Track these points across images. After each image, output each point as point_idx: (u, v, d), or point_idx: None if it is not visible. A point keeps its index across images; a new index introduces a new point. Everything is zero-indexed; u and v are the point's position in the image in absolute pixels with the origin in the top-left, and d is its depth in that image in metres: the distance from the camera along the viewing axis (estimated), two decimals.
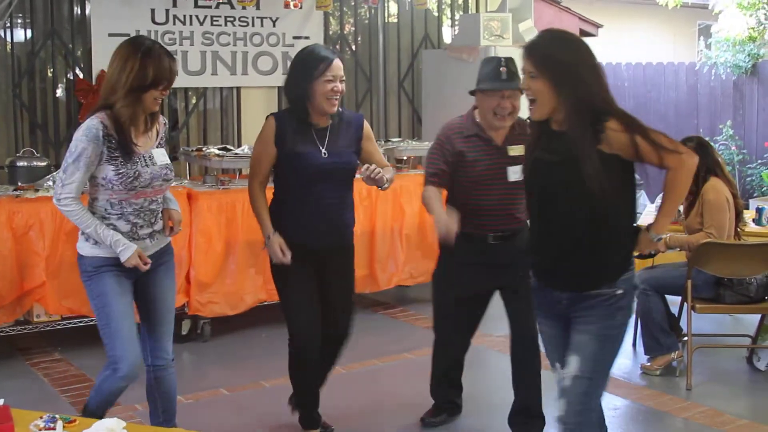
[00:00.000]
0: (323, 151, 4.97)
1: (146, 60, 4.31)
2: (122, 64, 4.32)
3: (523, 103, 4.41)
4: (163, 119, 4.65)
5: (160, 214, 4.61)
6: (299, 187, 5.00)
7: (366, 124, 5.23)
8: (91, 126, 4.29)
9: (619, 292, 3.87)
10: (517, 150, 4.89)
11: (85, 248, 4.46)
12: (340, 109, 5.10)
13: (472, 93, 5.04)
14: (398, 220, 8.07)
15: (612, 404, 6.02)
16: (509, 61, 4.94)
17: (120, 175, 4.32)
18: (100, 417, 4.13)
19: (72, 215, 4.35)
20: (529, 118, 4.01)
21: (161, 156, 4.50)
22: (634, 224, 3.99)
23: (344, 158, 5.04)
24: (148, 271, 4.50)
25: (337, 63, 4.93)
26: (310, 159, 4.94)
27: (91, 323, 7.00)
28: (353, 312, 5.36)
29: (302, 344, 5.12)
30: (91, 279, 4.46)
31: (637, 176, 3.97)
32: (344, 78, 4.98)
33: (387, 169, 5.12)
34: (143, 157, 4.40)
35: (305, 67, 4.93)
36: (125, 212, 4.41)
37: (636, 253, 6.72)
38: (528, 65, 3.76)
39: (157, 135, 4.56)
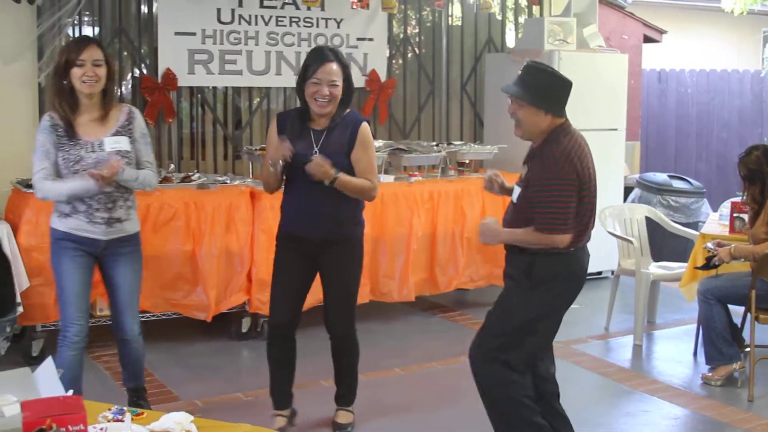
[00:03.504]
0: (315, 149, 5.14)
1: (61, 49, 5.16)
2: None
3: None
4: (127, 108, 5.19)
5: (121, 202, 5.07)
6: (294, 182, 5.26)
7: (363, 129, 5.27)
8: (43, 119, 5.01)
9: None
10: (523, 170, 4.72)
11: (53, 219, 5.09)
12: (348, 111, 5.30)
13: None
14: (459, 224, 8.08)
15: (672, 413, 5.99)
16: (529, 68, 4.69)
17: (65, 160, 4.92)
18: None
19: (48, 193, 4.94)
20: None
21: (113, 143, 4.97)
22: None
23: (333, 159, 5.08)
24: (110, 258, 5.11)
25: (327, 67, 5.08)
26: (301, 157, 5.09)
27: (152, 318, 7.10)
28: (345, 308, 5.45)
29: (272, 323, 5.54)
30: (53, 251, 5.08)
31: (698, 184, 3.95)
32: (335, 82, 5.10)
33: (360, 181, 5.21)
34: (90, 144, 4.95)
35: (303, 68, 5.19)
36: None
37: (699, 265, 6.71)
38: None
39: (117, 123, 5.06)
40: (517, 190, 4.69)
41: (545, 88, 4.63)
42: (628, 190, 10.68)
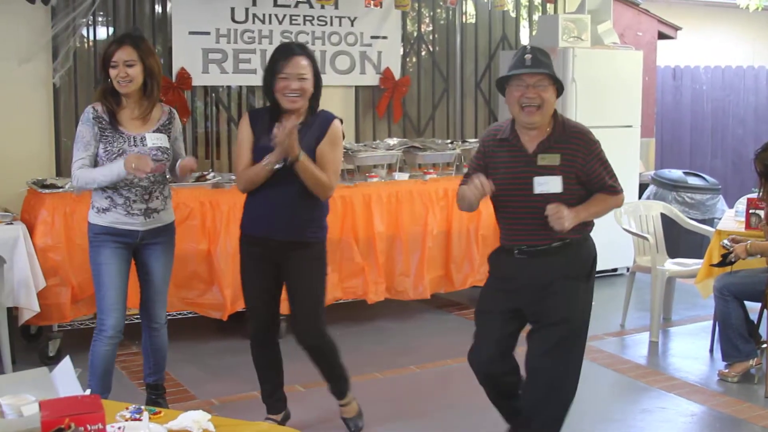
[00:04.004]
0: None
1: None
2: None
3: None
4: (168, 108, 5.33)
5: (157, 193, 5.18)
6: None
7: (334, 126, 5.06)
8: (86, 111, 5.10)
9: None
10: (549, 159, 4.49)
11: (91, 216, 5.16)
12: (320, 110, 5.09)
13: (500, 90, 4.72)
14: (474, 221, 8.07)
15: (689, 410, 5.97)
16: (537, 49, 4.56)
17: (106, 152, 5.01)
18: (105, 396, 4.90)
19: (81, 180, 5.02)
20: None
21: (154, 139, 5.10)
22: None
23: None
24: (147, 247, 5.22)
25: (295, 60, 4.94)
26: (261, 153, 4.97)
27: (168, 317, 7.08)
28: (312, 315, 5.19)
29: (251, 328, 5.39)
30: (92, 246, 5.15)
31: (713, 180, 3.92)
32: (304, 75, 4.93)
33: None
34: (132, 137, 5.07)
35: (270, 63, 5.04)
36: (118, 186, 5.03)
37: (714, 262, 6.69)
38: None
39: (158, 121, 5.19)
40: (552, 180, 4.46)
41: (552, 65, 4.60)
42: (643, 187, 10.66)
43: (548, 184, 4.46)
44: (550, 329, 4.58)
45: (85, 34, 7.93)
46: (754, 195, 6.88)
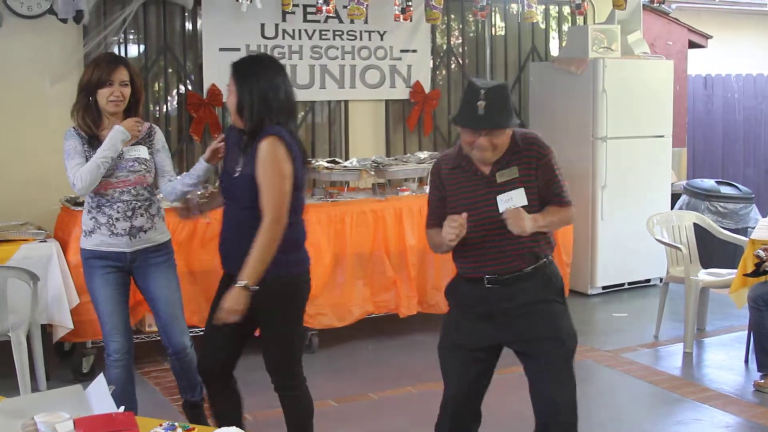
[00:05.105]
0: (238, 169, 4.48)
1: (90, 66, 5.12)
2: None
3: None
4: (148, 124, 5.27)
5: (142, 211, 5.07)
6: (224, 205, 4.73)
7: (262, 146, 4.36)
8: (68, 130, 5.09)
9: None
10: (507, 174, 4.13)
11: (81, 240, 5.13)
12: (274, 126, 4.42)
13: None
14: None
15: (724, 422, 5.93)
16: (491, 92, 3.99)
17: None
18: None
19: (83, 174, 4.86)
20: None
21: (131, 151, 5.05)
22: None
23: (239, 180, 4.46)
24: (141, 270, 5.13)
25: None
26: (222, 177, 4.70)
27: (200, 333, 7.12)
28: (278, 357, 4.76)
29: (199, 369, 4.93)
30: (84, 271, 5.14)
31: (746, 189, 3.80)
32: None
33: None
34: None
35: None
36: (101, 203, 5.01)
37: (748, 272, 6.64)
38: None
39: (138, 137, 5.09)
40: (516, 194, 4.14)
41: (509, 102, 4.14)
42: (675, 197, 10.60)
43: (513, 199, 4.15)
44: (547, 350, 4.27)
45: (117, 51, 7.97)
46: None
